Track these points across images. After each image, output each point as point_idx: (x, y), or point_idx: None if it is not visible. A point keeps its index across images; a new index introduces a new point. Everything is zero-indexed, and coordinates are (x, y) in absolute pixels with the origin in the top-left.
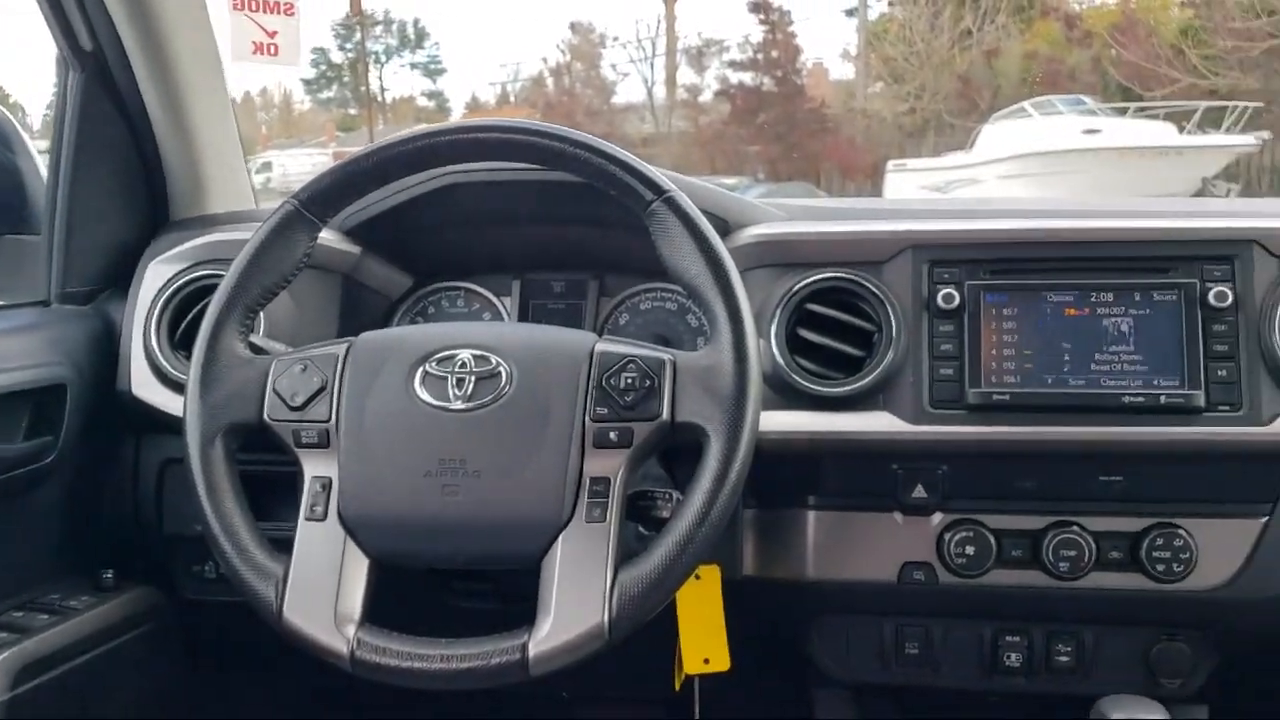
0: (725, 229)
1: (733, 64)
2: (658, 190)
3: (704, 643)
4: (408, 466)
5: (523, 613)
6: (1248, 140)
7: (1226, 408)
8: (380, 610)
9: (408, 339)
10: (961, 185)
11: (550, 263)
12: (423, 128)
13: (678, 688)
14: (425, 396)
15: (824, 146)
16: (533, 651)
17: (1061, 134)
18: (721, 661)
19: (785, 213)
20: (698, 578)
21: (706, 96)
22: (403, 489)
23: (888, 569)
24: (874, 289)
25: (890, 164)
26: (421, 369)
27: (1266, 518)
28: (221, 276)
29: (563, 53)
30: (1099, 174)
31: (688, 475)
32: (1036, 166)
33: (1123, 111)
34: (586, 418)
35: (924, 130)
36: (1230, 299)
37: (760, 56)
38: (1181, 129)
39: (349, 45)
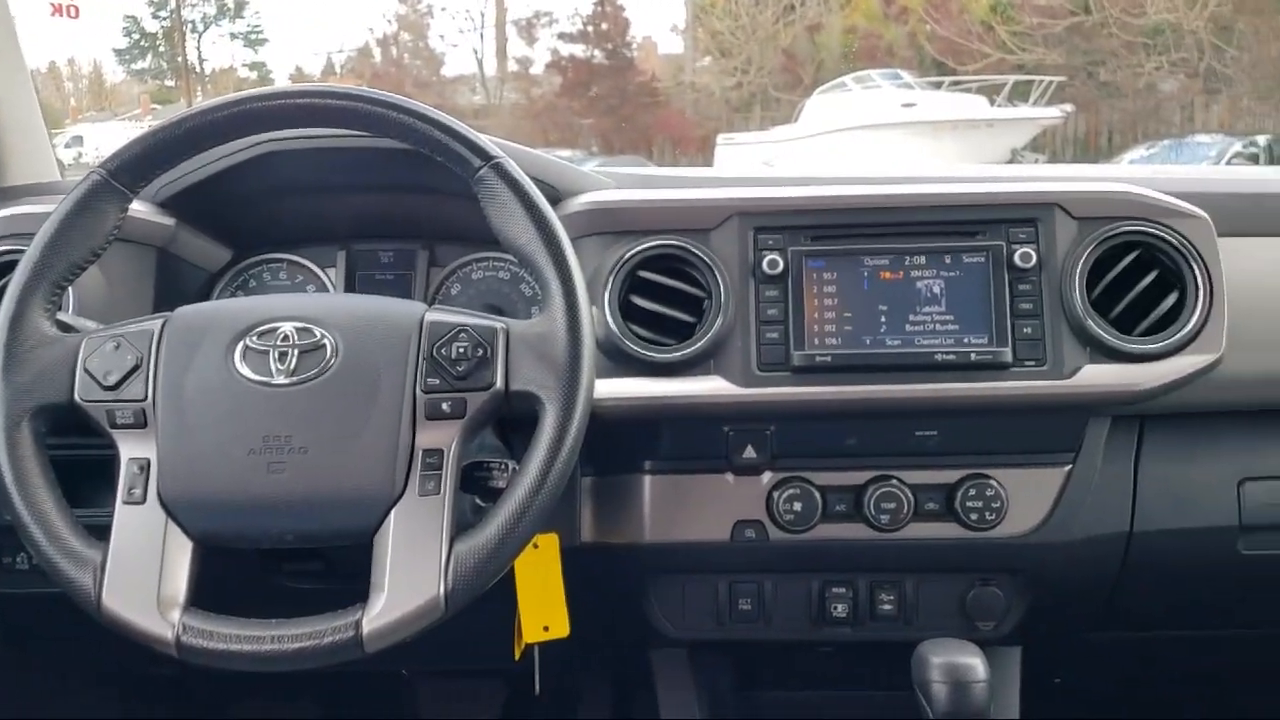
0: (556, 197)
1: (563, 36)
2: (485, 156)
3: (543, 611)
4: (230, 445)
5: (357, 591)
6: (1053, 113)
7: (1032, 363)
8: (208, 594)
9: (226, 312)
10: (788, 158)
11: (377, 233)
12: (239, 93)
13: (518, 657)
14: (246, 372)
15: (655, 120)
16: (367, 628)
17: (880, 107)
18: (561, 628)
19: (615, 181)
20: (536, 546)
21: (538, 69)
22: (225, 468)
23: (721, 528)
24: (703, 256)
25: (720, 138)
26: (242, 343)
27: (1069, 466)
28: (23, 252)
29: (389, 22)
30: (916, 145)
31: (524, 445)
32: (858, 139)
33: (938, 85)
34: (417, 389)
35: (751, 104)
36: (1034, 260)
37: (590, 29)
38: (992, 102)
39: (164, 13)
